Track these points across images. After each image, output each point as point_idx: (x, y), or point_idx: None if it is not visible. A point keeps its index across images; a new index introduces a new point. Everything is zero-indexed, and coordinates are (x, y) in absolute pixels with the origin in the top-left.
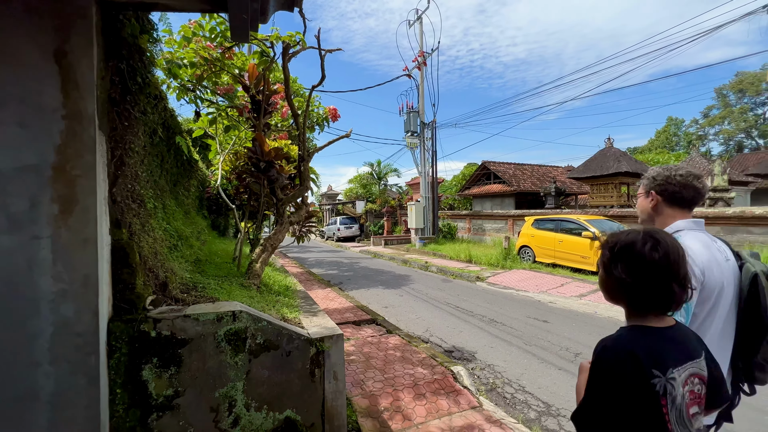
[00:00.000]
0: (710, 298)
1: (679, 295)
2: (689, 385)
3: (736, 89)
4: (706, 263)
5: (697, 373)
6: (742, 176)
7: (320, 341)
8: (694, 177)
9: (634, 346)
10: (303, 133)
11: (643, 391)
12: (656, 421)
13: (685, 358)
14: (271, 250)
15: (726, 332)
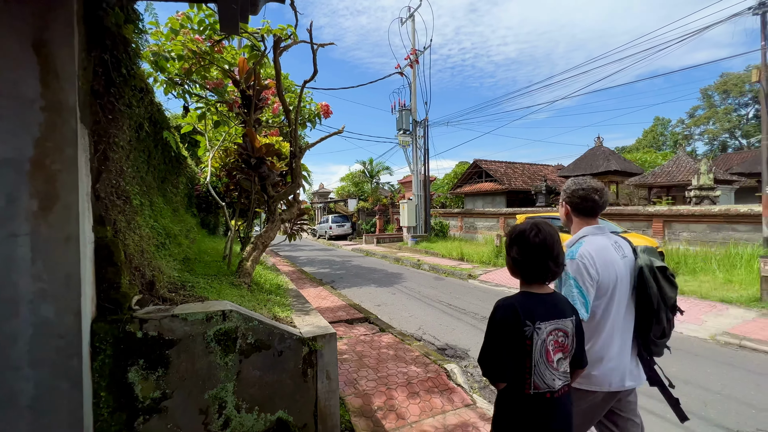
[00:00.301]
0: (607, 290)
1: (553, 270)
2: (553, 336)
3: (720, 90)
4: (601, 265)
5: (561, 328)
6: (727, 175)
7: (313, 340)
8: (594, 191)
9: (517, 304)
10: (294, 129)
11: (518, 334)
12: (524, 355)
13: (552, 317)
14: (262, 249)
15: (628, 315)
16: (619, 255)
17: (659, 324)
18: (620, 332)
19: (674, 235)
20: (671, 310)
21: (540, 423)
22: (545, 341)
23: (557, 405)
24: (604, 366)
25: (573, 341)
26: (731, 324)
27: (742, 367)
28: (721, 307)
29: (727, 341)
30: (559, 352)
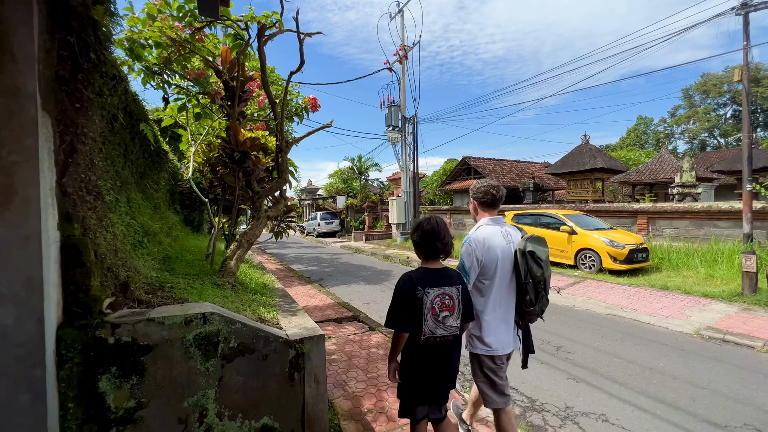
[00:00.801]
0: (491, 268)
1: (440, 249)
2: (439, 298)
3: (701, 90)
4: (486, 248)
5: (447, 293)
6: (707, 173)
7: (300, 343)
8: (493, 188)
9: (413, 275)
10: (281, 123)
11: (412, 297)
12: (417, 311)
13: (439, 284)
14: (247, 247)
15: (511, 289)
16: (505, 241)
17: (527, 295)
18: (502, 304)
19: (658, 232)
20: (538, 284)
21: (428, 358)
22: (432, 302)
23: (439, 346)
24: (487, 332)
25: (459, 302)
26: (714, 319)
27: (726, 362)
28: (704, 302)
29: (711, 336)
30: (445, 311)
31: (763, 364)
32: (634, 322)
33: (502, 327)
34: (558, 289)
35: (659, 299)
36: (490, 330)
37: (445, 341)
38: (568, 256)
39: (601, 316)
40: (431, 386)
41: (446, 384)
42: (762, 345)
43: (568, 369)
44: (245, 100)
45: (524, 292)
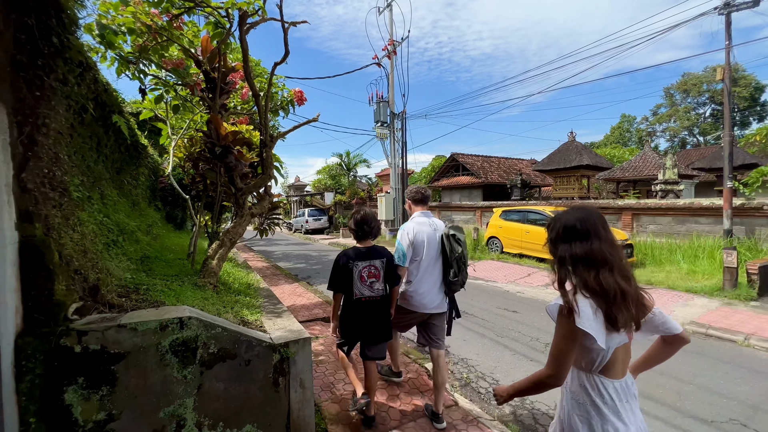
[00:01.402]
0: (421, 249)
1: (368, 232)
2: (366, 269)
3: (681, 89)
4: (415, 234)
5: (373, 264)
6: (688, 170)
7: (284, 347)
8: (420, 189)
9: (348, 252)
10: (265, 116)
11: (346, 267)
12: (349, 278)
13: (367, 258)
14: (230, 245)
15: (437, 265)
16: (431, 229)
17: (451, 268)
18: (430, 276)
19: (642, 228)
20: (459, 260)
21: (359, 312)
22: (360, 271)
23: (368, 303)
24: (421, 298)
25: (383, 272)
26: (697, 313)
27: (710, 356)
28: (687, 297)
29: (694, 330)
30: (372, 278)
31: (745, 358)
32: None
33: (432, 292)
34: (547, 284)
35: None
36: (422, 294)
37: (373, 300)
38: None
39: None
40: (363, 331)
41: (376, 332)
42: (743, 339)
43: None
44: (227, 93)
45: (449, 266)
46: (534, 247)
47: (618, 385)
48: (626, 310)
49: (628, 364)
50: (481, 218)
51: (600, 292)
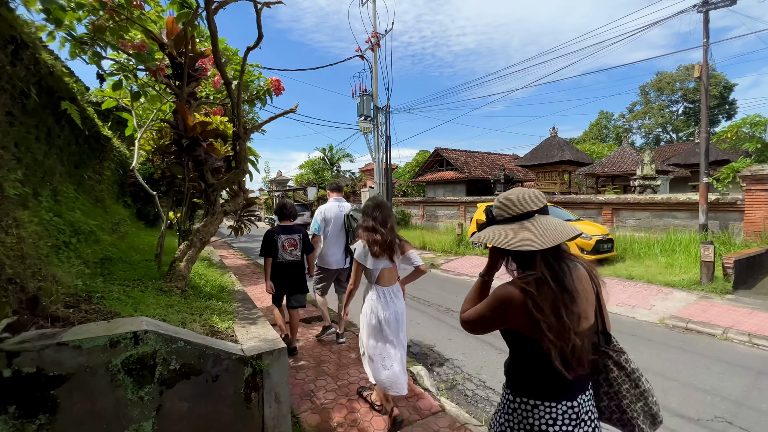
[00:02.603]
0: (330, 222)
1: (287, 215)
2: (287, 240)
3: (656, 87)
4: (327, 212)
5: (291, 237)
6: (664, 166)
7: (257, 359)
8: (335, 181)
9: (274, 229)
10: (237, 107)
11: (272, 239)
12: (274, 247)
13: (288, 233)
14: (200, 246)
15: (341, 235)
16: (338, 210)
17: (349, 238)
18: (336, 244)
19: (622, 222)
20: (354, 232)
21: (282, 272)
22: (283, 242)
23: (288, 265)
24: (330, 258)
25: (300, 243)
26: (677, 307)
27: (692, 351)
28: (666, 290)
29: (675, 324)
30: (291, 246)
31: (724, 352)
32: None
33: (338, 254)
34: None
35: (625, 289)
36: (331, 255)
37: (292, 263)
38: None
39: None
40: (285, 286)
41: (293, 286)
42: (722, 333)
43: None
44: (197, 80)
45: (347, 236)
46: None
47: (386, 290)
48: (378, 248)
49: (394, 279)
50: (464, 213)
51: (367, 241)
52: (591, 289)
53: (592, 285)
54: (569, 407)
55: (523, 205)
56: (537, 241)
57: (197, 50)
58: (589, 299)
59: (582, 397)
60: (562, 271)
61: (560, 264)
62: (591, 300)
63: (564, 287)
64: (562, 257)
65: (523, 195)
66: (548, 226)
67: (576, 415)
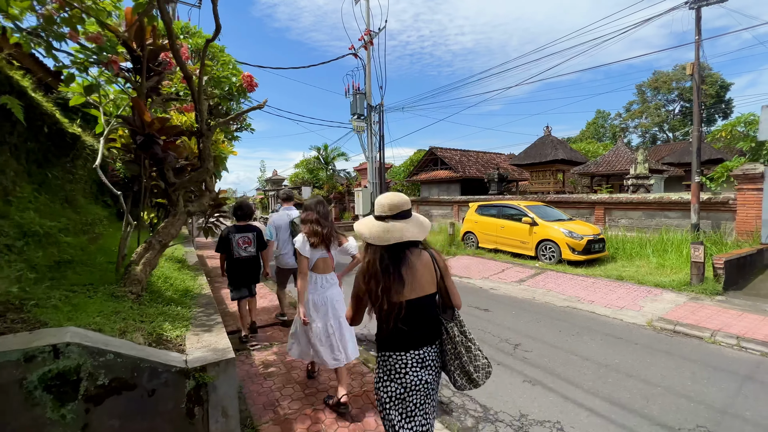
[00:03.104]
0: (280, 229)
1: (242, 216)
2: (242, 239)
3: (652, 87)
4: (277, 220)
5: (246, 236)
6: (658, 165)
7: (201, 371)
8: (286, 191)
9: (231, 228)
10: (199, 102)
11: (227, 238)
12: (230, 245)
13: (242, 232)
14: (160, 248)
15: (290, 238)
16: (287, 216)
17: (294, 238)
18: (288, 246)
19: (614, 222)
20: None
21: (238, 267)
22: (237, 240)
23: (243, 261)
24: (285, 259)
25: (254, 240)
26: (666, 309)
27: (678, 355)
28: (656, 291)
29: (663, 327)
30: (246, 244)
31: (711, 356)
32: (591, 314)
33: (289, 254)
34: (521, 280)
35: (614, 290)
36: (285, 256)
37: (246, 258)
38: (529, 247)
39: (559, 309)
40: (241, 280)
41: (250, 279)
42: (710, 336)
43: (525, 370)
44: (160, 74)
45: (292, 237)
46: (509, 242)
47: (320, 277)
48: (317, 239)
49: (329, 268)
50: (458, 213)
51: (306, 233)
52: (431, 271)
53: (434, 267)
54: (416, 355)
55: (381, 209)
56: (374, 238)
57: (158, 43)
58: (424, 277)
59: (428, 348)
60: (390, 258)
61: (392, 253)
62: (428, 278)
63: (382, 269)
64: (401, 248)
65: (383, 202)
66: (394, 229)
67: (422, 360)
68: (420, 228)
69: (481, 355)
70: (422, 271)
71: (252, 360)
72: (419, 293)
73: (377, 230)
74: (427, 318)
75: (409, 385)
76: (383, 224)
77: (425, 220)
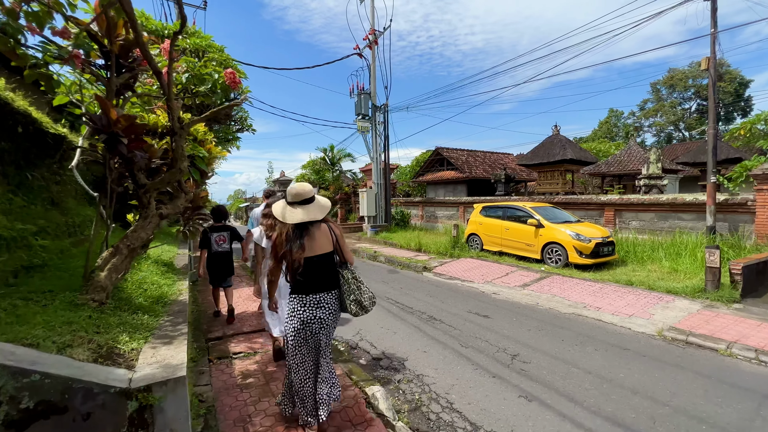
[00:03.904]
0: (258, 220)
1: (218, 216)
2: (218, 237)
3: (667, 84)
4: (256, 212)
5: (221, 234)
6: (673, 164)
7: (145, 391)
8: (271, 190)
9: (209, 228)
10: (169, 99)
11: (207, 236)
12: (209, 242)
13: (218, 230)
14: (128, 253)
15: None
16: (260, 212)
17: None
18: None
19: (624, 224)
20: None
21: (215, 261)
22: (214, 237)
23: (220, 255)
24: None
25: (228, 237)
26: (678, 317)
27: (689, 369)
28: (668, 298)
29: (674, 337)
30: (221, 241)
31: (727, 371)
32: (597, 322)
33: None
34: (524, 284)
35: (623, 296)
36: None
37: (222, 253)
38: (534, 250)
39: (563, 316)
40: (218, 272)
41: (226, 271)
42: (725, 347)
43: (522, 384)
44: (132, 70)
45: None
46: (514, 245)
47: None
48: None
49: None
50: (464, 214)
51: (265, 226)
52: (328, 237)
53: (330, 234)
54: (313, 298)
55: (290, 197)
56: (285, 217)
57: (129, 37)
58: (322, 241)
59: (324, 294)
60: (294, 231)
61: (295, 227)
62: (325, 242)
63: (286, 239)
64: (303, 224)
65: (291, 192)
66: (295, 211)
67: (318, 302)
68: (320, 209)
69: (369, 290)
70: (320, 238)
71: (232, 369)
72: (317, 252)
73: (284, 213)
74: (325, 271)
75: (306, 320)
76: (289, 208)
77: (326, 202)
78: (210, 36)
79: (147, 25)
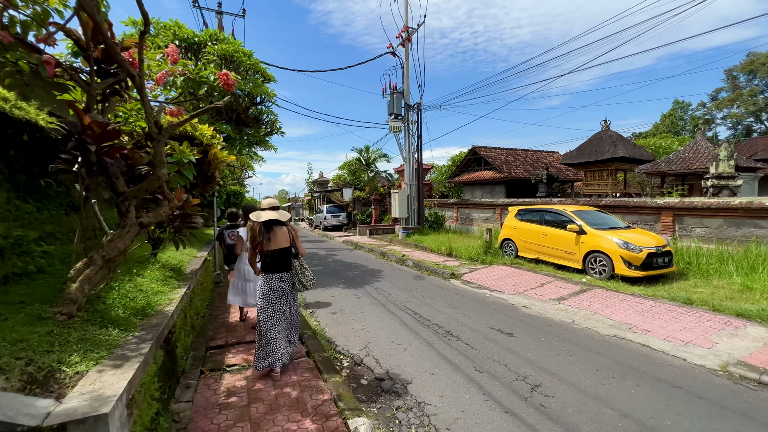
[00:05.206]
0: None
1: (232, 219)
2: (230, 232)
3: (746, 70)
4: (241, 231)
5: (233, 231)
6: (751, 161)
7: (57, 431)
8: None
9: (222, 228)
10: (143, 100)
11: (221, 233)
12: (224, 237)
13: (230, 229)
14: (103, 263)
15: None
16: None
17: None
18: None
19: (686, 231)
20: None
21: (227, 249)
22: (228, 233)
23: (231, 246)
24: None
25: (236, 234)
26: (749, 349)
27: (761, 421)
28: (737, 323)
29: (742, 375)
30: (231, 237)
31: None
32: (643, 348)
33: None
34: (560, 297)
35: (679, 317)
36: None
37: (231, 245)
38: (575, 259)
39: (602, 339)
40: (230, 256)
41: (231, 257)
42: None
43: (538, 424)
44: (115, 75)
45: None
46: (552, 252)
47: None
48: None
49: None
50: (500, 217)
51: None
52: (286, 236)
53: (289, 234)
54: (276, 276)
55: (263, 204)
56: (259, 216)
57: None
58: (282, 239)
59: (283, 273)
60: (262, 227)
61: (264, 225)
62: (284, 239)
63: (259, 233)
64: (269, 224)
65: (264, 202)
66: (264, 216)
67: (280, 278)
68: (282, 215)
69: (311, 274)
70: (281, 236)
71: (220, 384)
72: (280, 246)
73: (258, 215)
74: (284, 259)
75: (273, 289)
76: (262, 212)
77: (286, 213)
78: (240, 42)
79: (179, 33)
